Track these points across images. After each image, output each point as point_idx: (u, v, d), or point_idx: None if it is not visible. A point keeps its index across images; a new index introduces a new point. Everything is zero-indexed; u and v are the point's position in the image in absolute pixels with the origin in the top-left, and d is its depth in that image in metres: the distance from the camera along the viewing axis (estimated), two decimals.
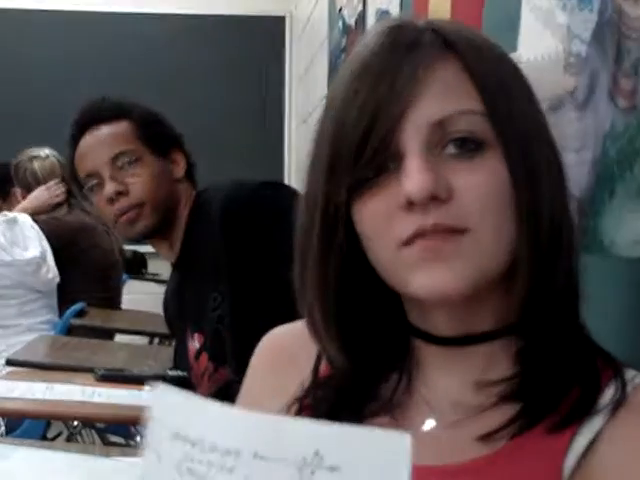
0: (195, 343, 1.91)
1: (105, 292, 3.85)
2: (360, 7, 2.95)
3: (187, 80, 5.47)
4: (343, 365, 0.86)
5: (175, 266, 2.00)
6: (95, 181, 1.88)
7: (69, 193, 3.83)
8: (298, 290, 0.85)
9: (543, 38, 1.26)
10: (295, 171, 5.38)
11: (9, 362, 2.48)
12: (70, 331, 3.30)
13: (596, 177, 1.11)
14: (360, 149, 0.76)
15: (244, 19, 5.69)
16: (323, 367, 0.91)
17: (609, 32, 1.09)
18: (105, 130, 1.89)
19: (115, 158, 1.86)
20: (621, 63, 1.06)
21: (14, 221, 3.21)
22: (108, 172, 1.86)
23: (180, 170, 1.95)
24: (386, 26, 0.80)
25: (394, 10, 2.36)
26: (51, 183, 3.64)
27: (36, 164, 3.77)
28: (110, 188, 1.85)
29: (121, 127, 1.90)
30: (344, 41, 3.36)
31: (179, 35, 5.60)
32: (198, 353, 1.90)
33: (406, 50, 0.77)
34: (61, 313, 3.39)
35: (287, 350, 0.98)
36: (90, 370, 2.32)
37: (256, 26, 5.69)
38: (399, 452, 0.51)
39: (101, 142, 1.88)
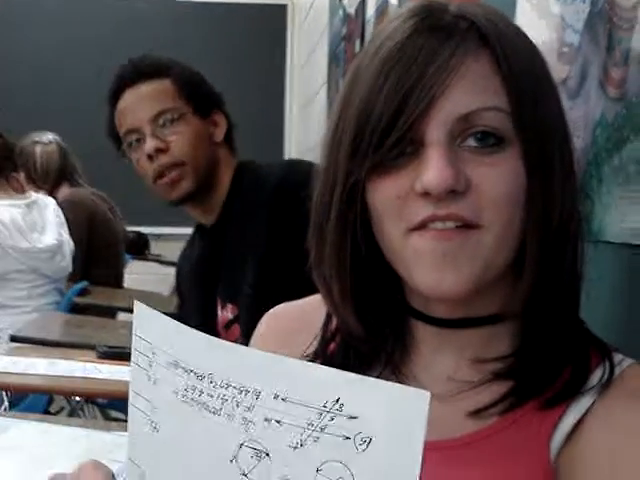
0: (228, 313, 1.88)
1: (109, 270, 3.88)
2: None
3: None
4: (361, 335, 0.86)
5: (207, 232, 1.96)
6: (135, 137, 1.85)
7: (70, 172, 3.86)
8: (314, 262, 0.86)
9: (538, 28, 1.27)
10: (295, 155, 5.40)
11: (13, 338, 2.51)
12: (74, 309, 3.33)
13: (586, 164, 1.13)
14: (385, 133, 0.75)
15: (247, 7, 5.70)
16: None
17: (601, 22, 1.11)
18: (147, 87, 1.86)
19: (157, 115, 1.83)
20: (612, 53, 1.07)
21: (35, 203, 3.23)
22: (149, 129, 1.83)
23: (220, 133, 1.91)
24: (419, 8, 0.79)
25: (394, 0, 2.37)
26: None
27: (38, 149, 3.79)
28: (150, 144, 1.82)
29: (164, 85, 1.86)
30: (344, 29, 3.37)
31: (182, 22, 5.61)
32: (230, 323, 1.88)
33: (440, 37, 0.76)
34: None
35: (290, 325, 0.99)
36: (92, 347, 2.35)
37: (258, 14, 5.69)
38: (417, 408, 0.51)
39: (143, 99, 1.85)
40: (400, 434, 0.51)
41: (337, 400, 0.53)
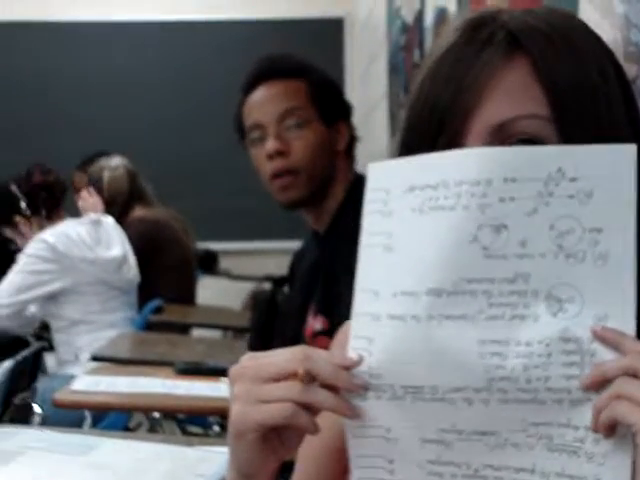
0: (317, 324, 1.87)
1: (182, 288, 3.94)
2: (418, 5, 2.97)
3: None
4: None
5: (319, 239, 1.95)
6: (258, 133, 1.84)
7: (139, 195, 3.93)
8: None
9: (602, 28, 1.26)
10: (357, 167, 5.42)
11: (94, 358, 2.57)
12: (148, 326, 3.39)
13: None
14: (429, 146, 0.77)
15: (304, 22, 5.74)
16: None
17: None
18: (280, 85, 1.85)
19: (284, 116, 1.82)
20: None
21: (98, 222, 3.31)
22: (274, 128, 1.82)
23: (343, 143, 1.90)
24: (465, 19, 0.81)
25: (451, 7, 2.38)
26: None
27: (106, 175, 3.88)
28: (272, 145, 1.81)
29: (297, 86, 1.85)
30: (403, 40, 3.38)
31: (240, 41, 5.66)
32: (317, 334, 1.86)
33: (476, 50, 0.77)
34: (139, 309, 3.48)
35: None
36: (170, 364, 2.40)
37: (316, 29, 5.74)
38: (625, 161, 0.65)
39: (274, 96, 1.84)
40: (614, 182, 0.65)
41: (559, 169, 0.65)
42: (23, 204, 3.32)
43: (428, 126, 0.78)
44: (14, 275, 3.13)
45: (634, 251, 0.65)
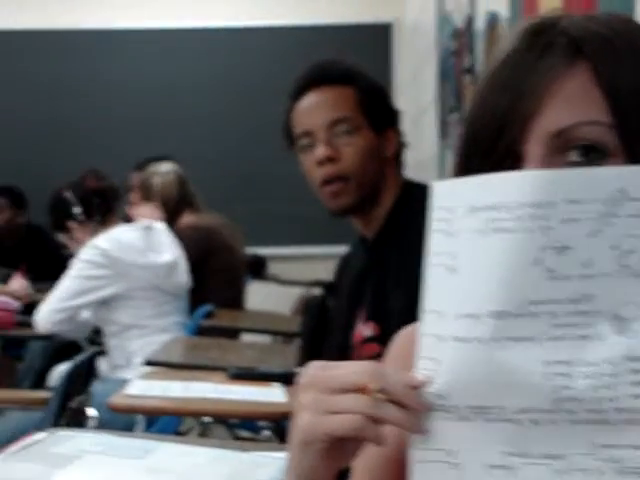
0: (367, 330, 1.86)
1: (231, 293, 3.97)
2: (469, 10, 2.95)
3: None
4: None
5: (368, 245, 1.95)
6: (308, 140, 1.85)
7: (189, 200, 3.97)
8: None
9: None
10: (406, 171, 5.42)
11: (148, 362, 2.60)
12: (199, 331, 3.42)
13: None
14: (488, 152, 0.78)
15: (351, 27, 5.75)
16: None
17: None
18: (330, 92, 1.86)
19: (334, 122, 1.83)
20: None
21: (150, 228, 3.34)
22: (323, 135, 1.83)
23: (391, 149, 1.90)
24: (525, 26, 0.81)
25: (503, 12, 2.37)
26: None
27: (157, 180, 3.93)
28: (321, 151, 1.82)
29: (346, 93, 1.86)
30: (453, 45, 3.37)
31: (289, 47, 5.69)
32: (367, 340, 1.86)
33: (536, 56, 0.77)
34: (190, 314, 3.51)
35: (410, 347, 1.00)
36: (222, 369, 2.42)
37: (364, 34, 5.74)
38: None
39: (324, 103, 1.85)
40: None
41: (621, 189, 0.65)
42: (77, 210, 3.36)
43: (487, 132, 0.78)
44: (67, 280, 3.17)
45: None
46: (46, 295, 3.34)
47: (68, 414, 2.35)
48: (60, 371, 3.40)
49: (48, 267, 4.38)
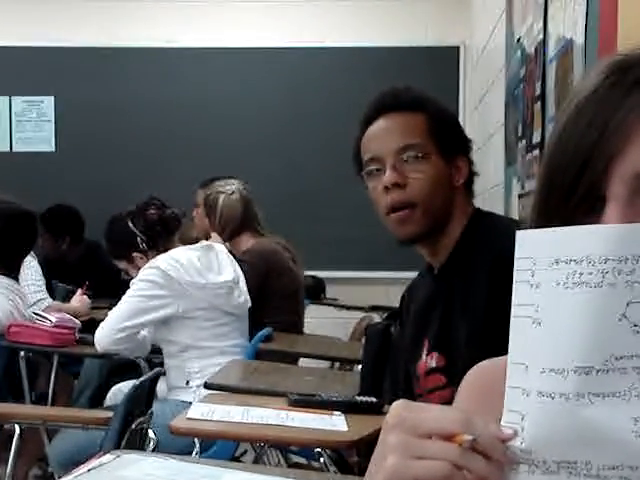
0: (432, 361, 1.85)
1: (290, 317, 3.96)
2: (541, 36, 2.91)
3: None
4: None
5: (435, 274, 1.93)
6: (376, 167, 1.84)
7: (251, 221, 3.98)
8: None
9: None
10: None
11: (207, 386, 2.58)
12: (257, 355, 3.40)
13: None
14: (571, 191, 0.77)
15: (419, 50, 5.75)
16: None
17: None
18: (401, 118, 1.85)
19: (403, 149, 1.82)
20: None
21: (210, 248, 3.34)
22: (392, 161, 1.82)
23: (461, 178, 1.89)
24: (612, 63, 0.79)
25: (579, 39, 2.32)
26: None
27: (221, 199, 3.93)
28: (389, 177, 1.81)
29: (417, 119, 1.85)
30: (523, 70, 3.33)
31: (354, 67, 5.71)
32: (431, 371, 1.84)
33: (623, 94, 0.76)
34: (249, 337, 3.49)
35: (489, 385, 0.94)
36: (282, 394, 2.39)
37: (431, 57, 5.73)
38: None
39: (393, 129, 1.85)
40: None
41: None
42: (140, 240, 3.36)
43: (569, 170, 0.77)
44: (127, 300, 3.18)
45: None
46: (104, 313, 3.35)
47: (129, 436, 2.35)
48: (119, 390, 3.41)
49: (106, 284, 4.41)
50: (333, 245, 5.61)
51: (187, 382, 3.16)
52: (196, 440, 2.73)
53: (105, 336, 3.17)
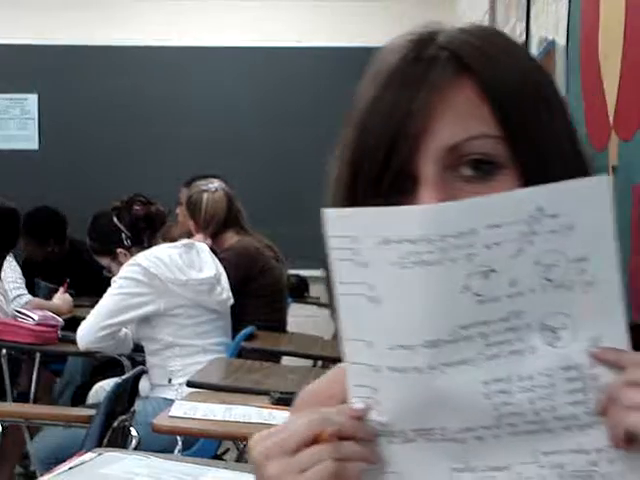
0: None
1: (273, 315, 3.95)
2: (523, 37, 2.93)
3: (345, 111, 5.60)
4: None
5: None
6: None
7: (235, 219, 3.97)
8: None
9: None
10: None
11: (190, 384, 2.59)
12: (240, 353, 3.40)
13: None
14: (380, 173, 0.77)
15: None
16: None
17: None
18: None
19: None
20: None
21: (191, 246, 3.34)
22: None
23: None
24: (404, 41, 0.81)
25: (561, 40, 2.33)
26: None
27: (205, 197, 3.93)
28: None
29: None
30: None
31: (339, 67, 5.66)
32: None
33: (421, 73, 0.77)
34: (232, 336, 3.49)
35: (315, 401, 0.92)
36: (264, 393, 2.40)
37: None
38: (600, 190, 0.67)
39: None
40: (593, 213, 0.67)
41: (538, 208, 0.67)
42: (125, 236, 3.35)
43: (377, 153, 0.77)
44: (108, 298, 3.16)
45: (619, 273, 0.68)
46: (86, 311, 3.34)
47: (110, 433, 2.34)
48: (102, 388, 3.41)
49: (89, 282, 4.40)
50: (317, 244, 5.57)
51: (169, 380, 3.15)
52: (178, 438, 2.74)
53: (87, 334, 3.15)
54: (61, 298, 4.26)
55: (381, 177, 0.77)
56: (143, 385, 3.21)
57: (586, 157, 0.81)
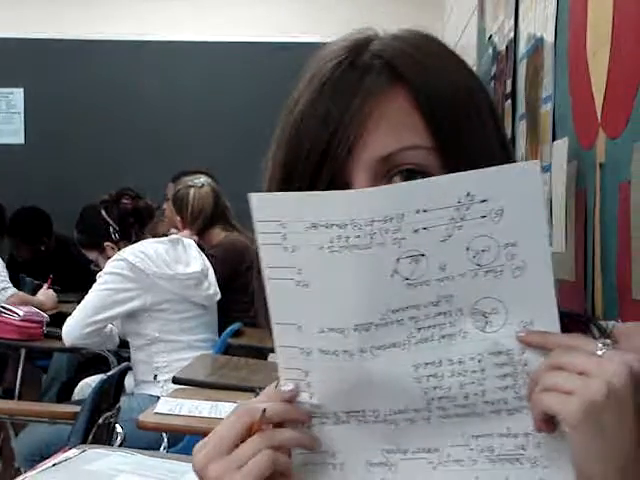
0: None
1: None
2: (512, 34, 2.92)
3: None
4: None
5: None
6: None
7: (221, 215, 3.96)
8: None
9: None
10: None
11: (175, 380, 2.57)
12: (227, 350, 3.39)
13: None
14: (312, 180, 0.77)
15: None
16: None
17: None
18: None
19: None
20: None
21: (177, 241, 3.33)
22: None
23: None
24: (338, 47, 0.81)
25: (549, 38, 2.33)
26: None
27: (191, 192, 3.91)
28: None
29: None
30: (494, 68, 3.34)
31: None
32: None
33: (355, 81, 0.77)
34: (218, 332, 3.48)
35: None
36: (251, 389, 2.39)
37: None
38: (530, 176, 0.67)
39: None
40: (523, 198, 0.67)
41: (468, 194, 0.67)
42: (113, 229, 3.34)
43: (311, 158, 0.77)
44: (94, 294, 3.15)
45: (550, 258, 0.69)
46: (72, 306, 3.33)
47: (96, 430, 2.33)
48: (87, 384, 3.39)
49: (75, 278, 4.38)
50: None
51: (155, 376, 3.14)
52: (164, 435, 2.73)
53: (73, 330, 3.14)
54: (45, 294, 4.24)
55: (314, 182, 0.77)
56: (128, 381, 3.19)
57: (515, 160, 0.83)
